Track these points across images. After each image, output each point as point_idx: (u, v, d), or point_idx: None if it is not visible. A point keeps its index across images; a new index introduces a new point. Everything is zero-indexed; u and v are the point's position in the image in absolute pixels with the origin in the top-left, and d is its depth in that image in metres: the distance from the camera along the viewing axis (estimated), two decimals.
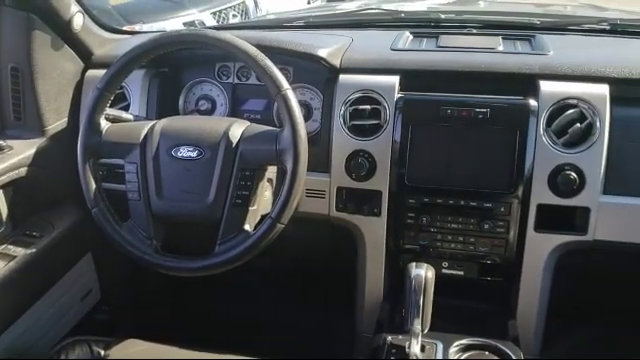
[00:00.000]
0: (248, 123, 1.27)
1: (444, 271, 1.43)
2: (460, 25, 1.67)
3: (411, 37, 1.59)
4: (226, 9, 4.33)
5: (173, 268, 1.24)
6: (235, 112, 1.54)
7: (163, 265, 1.24)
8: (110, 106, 1.31)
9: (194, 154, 1.23)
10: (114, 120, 1.33)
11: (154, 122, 1.29)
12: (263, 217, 1.24)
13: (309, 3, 5.31)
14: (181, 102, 1.57)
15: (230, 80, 1.55)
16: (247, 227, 1.22)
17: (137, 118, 1.44)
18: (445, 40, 1.54)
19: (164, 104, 1.53)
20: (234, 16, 4.31)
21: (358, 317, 1.50)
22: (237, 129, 1.24)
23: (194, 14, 4.11)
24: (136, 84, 1.51)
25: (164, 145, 1.24)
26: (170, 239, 1.29)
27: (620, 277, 1.46)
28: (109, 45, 1.63)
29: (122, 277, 1.79)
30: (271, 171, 1.30)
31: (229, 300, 1.94)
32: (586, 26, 1.62)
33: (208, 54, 1.46)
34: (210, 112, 1.55)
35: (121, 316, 1.81)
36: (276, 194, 1.32)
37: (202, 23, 3.95)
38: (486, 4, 2.15)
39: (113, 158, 1.32)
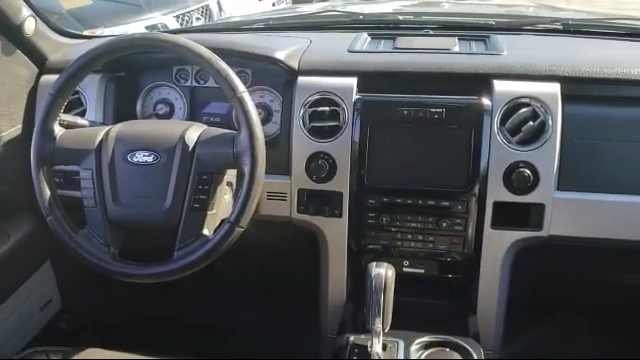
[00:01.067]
0: (205, 126, 1.26)
1: (405, 270, 1.44)
2: (417, 27, 1.68)
3: (369, 39, 1.60)
4: (189, 12, 4.30)
5: (131, 275, 1.23)
6: (194, 116, 1.53)
7: (120, 272, 1.22)
8: (66, 112, 1.29)
9: (150, 159, 1.22)
10: (69, 126, 1.31)
11: (109, 127, 1.27)
12: (223, 221, 1.23)
13: (274, 5, 5.31)
14: (139, 106, 1.55)
15: (188, 83, 1.54)
16: (206, 232, 1.21)
17: (93, 124, 1.42)
18: (402, 42, 1.55)
19: (121, 109, 1.52)
20: (197, 19, 4.28)
21: (322, 318, 1.51)
22: (193, 133, 1.23)
23: (157, 17, 4.08)
24: (92, 89, 1.49)
25: (119, 150, 1.23)
26: (128, 245, 1.28)
27: (577, 271, 1.50)
28: (64, 50, 1.61)
29: (83, 285, 1.76)
30: (230, 174, 1.30)
31: (193, 305, 1.93)
32: (540, 26, 1.66)
33: (165, 57, 1.45)
34: (169, 116, 1.54)
35: (83, 325, 1.78)
36: (236, 197, 1.31)
37: (165, 27, 3.92)
38: (444, 5, 2.18)
39: (68, 165, 1.30)
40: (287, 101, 1.42)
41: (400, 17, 1.74)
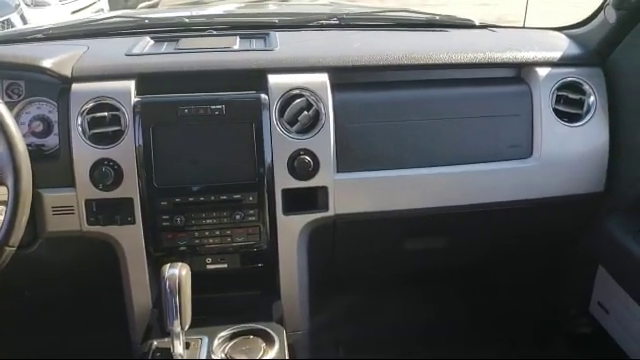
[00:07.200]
0: None
1: (208, 267, 1.46)
2: (203, 28, 1.71)
3: (152, 42, 1.59)
4: None
5: None
6: None
7: None
8: None
9: None
10: None
11: None
12: None
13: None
14: None
15: None
16: None
17: None
18: (185, 43, 1.57)
19: None
20: None
21: (131, 327, 1.47)
22: None
23: None
24: None
25: None
26: None
27: (369, 244, 1.62)
28: None
29: None
30: (3, 193, 1.22)
31: (6, 338, 1.78)
32: (322, 22, 1.77)
33: None
34: None
35: None
36: None
37: None
38: (239, 7, 2.23)
39: None
40: (64, 110, 1.36)
41: (186, 19, 1.75)
